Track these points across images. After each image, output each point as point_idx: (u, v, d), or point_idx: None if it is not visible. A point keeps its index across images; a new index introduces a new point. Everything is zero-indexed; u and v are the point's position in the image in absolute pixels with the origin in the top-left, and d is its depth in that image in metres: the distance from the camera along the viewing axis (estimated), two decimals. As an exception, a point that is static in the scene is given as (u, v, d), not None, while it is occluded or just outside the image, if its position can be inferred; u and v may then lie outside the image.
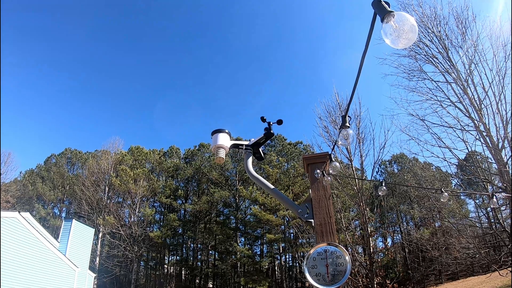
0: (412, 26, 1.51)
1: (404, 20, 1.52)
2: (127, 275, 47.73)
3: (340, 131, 2.46)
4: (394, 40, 1.54)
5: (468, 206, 34.70)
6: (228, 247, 46.24)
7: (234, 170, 50.52)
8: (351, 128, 2.68)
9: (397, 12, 1.53)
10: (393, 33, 1.53)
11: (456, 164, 15.58)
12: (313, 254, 3.11)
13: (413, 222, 50.12)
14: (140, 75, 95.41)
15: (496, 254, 17.71)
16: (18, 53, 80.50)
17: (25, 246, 18.97)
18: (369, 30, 1.81)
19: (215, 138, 3.93)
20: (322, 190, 3.47)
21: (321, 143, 35.01)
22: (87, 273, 25.66)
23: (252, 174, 3.87)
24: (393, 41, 1.54)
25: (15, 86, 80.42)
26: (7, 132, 69.47)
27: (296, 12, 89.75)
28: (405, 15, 1.52)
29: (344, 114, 2.49)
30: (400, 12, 1.52)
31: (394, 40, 1.54)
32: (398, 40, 1.53)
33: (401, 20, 1.52)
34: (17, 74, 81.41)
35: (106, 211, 44.62)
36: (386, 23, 1.54)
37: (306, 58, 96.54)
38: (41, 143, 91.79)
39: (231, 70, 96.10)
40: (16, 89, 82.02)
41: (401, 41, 1.53)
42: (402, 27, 1.51)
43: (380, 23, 1.58)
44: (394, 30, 1.52)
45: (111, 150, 51.13)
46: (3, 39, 62.69)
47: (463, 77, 14.06)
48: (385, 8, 1.56)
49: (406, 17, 1.52)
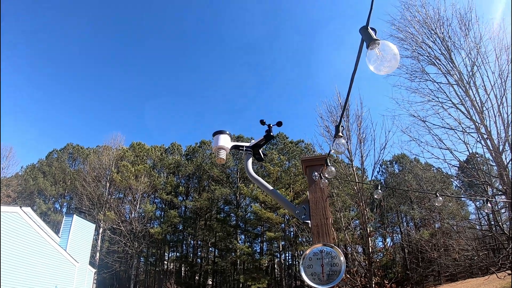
0: (394, 55, 1.57)
1: (388, 49, 1.58)
2: (127, 271, 47.86)
3: (334, 140, 2.51)
4: (377, 66, 1.60)
5: (468, 207, 34.69)
6: (228, 245, 46.35)
7: (235, 168, 50.59)
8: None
9: (381, 41, 1.59)
10: (377, 60, 1.59)
11: (456, 166, 15.58)
12: (309, 254, 3.18)
13: (413, 223, 50.17)
14: (142, 71, 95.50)
15: (495, 256, 17.75)
16: (20, 47, 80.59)
17: (26, 240, 19.06)
18: (357, 53, 1.87)
19: (216, 139, 4.01)
20: (319, 192, 3.53)
21: (322, 142, 35.01)
22: (87, 268, 25.76)
23: (252, 175, 3.94)
24: (376, 68, 1.61)
25: (17, 81, 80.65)
26: (9, 127, 69.71)
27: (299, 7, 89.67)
28: (389, 44, 1.58)
29: (338, 124, 2.54)
30: (384, 41, 1.58)
31: (377, 67, 1.60)
32: (380, 67, 1.60)
33: (384, 48, 1.59)
34: (20, 69, 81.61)
35: (107, 206, 44.76)
36: (371, 50, 1.60)
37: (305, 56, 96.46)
38: (43, 138, 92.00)
39: (233, 67, 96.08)
40: (18, 84, 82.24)
41: (383, 69, 1.60)
42: (385, 55, 1.58)
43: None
44: (378, 57, 1.58)
45: (113, 145, 51.33)
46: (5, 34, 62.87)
47: (465, 79, 14.09)
48: (371, 36, 1.63)
49: (389, 46, 1.58)
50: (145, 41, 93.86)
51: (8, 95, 69.34)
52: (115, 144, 51.48)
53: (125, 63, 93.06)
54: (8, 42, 67.34)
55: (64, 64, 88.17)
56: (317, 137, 52.30)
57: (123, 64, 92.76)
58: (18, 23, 77.74)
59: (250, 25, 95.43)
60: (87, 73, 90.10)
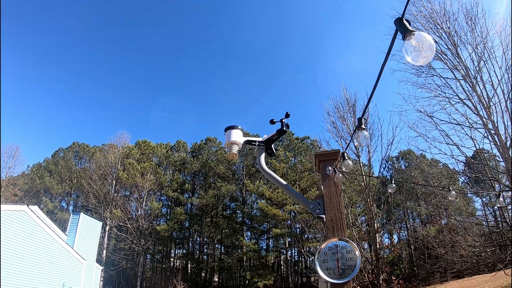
0: (430, 45, 1.60)
1: (423, 39, 1.60)
2: (133, 268, 48.03)
3: (355, 132, 2.51)
4: (415, 57, 1.63)
5: (475, 204, 34.53)
6: (234, 241, 46.42)
7: (241, 165, 50.58)
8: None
9: (417, 32, 1.61)
10: (413, 51, 1.61)
11: (463, 161, 15.51)
12: (325, 248, 3.19)
13: (419, 219, 50.01)
14: (147, 70, 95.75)
15: (502, 253, 17.68)
16: (25, 46, 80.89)
17: (33, 239, 19.18)
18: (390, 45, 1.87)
19: (228, 134, 4.01)
20: (333, 187, 3.54)
21: (329, 138, 35.02)
22: (94, 266, 25.91)
23: (265, 170, 3.95)
24: (413, 59, 1.64)
25: (23, 81, 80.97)
26: (15, 126, 70.04)
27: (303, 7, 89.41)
28: (424, 34, 1.61)
29: (360, 116, 2.54)
30: (420, 32, 1.60)
31: (415, 58, 1.63)
32: (418, 58, 1.62)
33: (420, 39, 1.61)
34: (24, 68, 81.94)
35: (113, 204, 44.92)
36: (407, 41, 1.62)
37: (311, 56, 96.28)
38: (48, 137, 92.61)
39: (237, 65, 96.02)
40: (24, 83, 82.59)
41: (421, 59, 1.62)
42: (421, 46, 1.60)
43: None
44: (414, 48, 1.60)
45: (118, 144, 51.48)
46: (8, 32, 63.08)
47: (472, 74, 13.98)
48: (406, 27, 1.64)
49: (425, 37, 1.60)
50: (150, 40, 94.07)
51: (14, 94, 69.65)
52: (120, 142, 51.67)
53: (130, 63, 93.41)
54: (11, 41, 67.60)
55: (69, 64, 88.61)
56: (324, 133, 52.19)
57: (128, 63, 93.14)
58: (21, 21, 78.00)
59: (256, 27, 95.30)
60: (92, 72, 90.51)
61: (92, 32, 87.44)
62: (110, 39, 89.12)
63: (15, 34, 72.45)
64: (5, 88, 54.09)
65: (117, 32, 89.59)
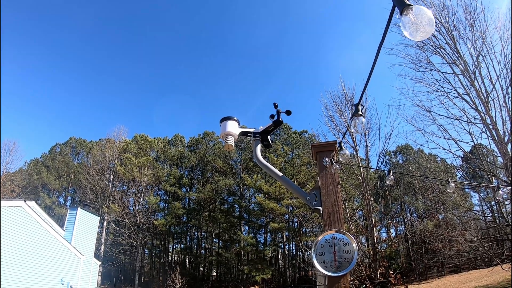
0: (429, 19, 1.55)
1: (422, 13, 1.55)
2: (131, 263, 48.08)
3: (353, 118, 2.46)
4: (413, 32, 1.57)
5: (472, 199, 34.61)
6: (232, 236, 46.43)
7: (238, 159, 50.55)
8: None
9: (415, 6, 1.55)
10: (412, 26, 1.56)
11: (461, 156, 15.50)
12: (321, 241, 3.15)
13: (417, 214, 50.11)
14: (145, 64, 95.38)
15: (499, 248, 17.74)
16: (22, 41, 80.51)
17: (31, 234, 19.12)
18: (387, 21, 1.82)
19: (224, 125, 3.96)
20: (330, 178, 3.49)
21: (326, 132, 35.05)
22: (92, 261, 25.89)
23: (261, 161, 3.90)
24: (411, 34, 1.58)
25: (20, 76, 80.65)
26: (12, 122, 69.80)
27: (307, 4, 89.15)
28: (423, 8, 1.56)
29: (358, 102, 2.49)
30: (418, 5, 1.55)
31: (413, 33, 1.58)
32: (416, 33, 1.57)
33: (419, 13, 1.55)
34: (22, 63, 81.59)
35: (111, 199, 44.88)
36: (405, 16, 1.56)
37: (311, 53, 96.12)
38: (45, 132, 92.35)
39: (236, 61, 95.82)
40: (21, 78, 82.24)
41: (419, 34, 1.57)
42: (420, 20, 1.54)
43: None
44: (413, 23, 1.55)
45: (116, 138, 51.32)
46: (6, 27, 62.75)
47: (471, 69, 13.93)
48: (403, 1, 1.57)
49: (423, 11, 1.56)
50: (150, 35, 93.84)
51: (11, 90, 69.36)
52: (118, 137, 51.52)
53: (128, 58, 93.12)
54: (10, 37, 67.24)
55: (65, 59, 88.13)
56: (322, 127, 52.91)
57: (126, 58, 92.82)
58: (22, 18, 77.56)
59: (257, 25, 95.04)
60: (89, 67, 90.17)
61: (90, 29, 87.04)
62: (111, 33, 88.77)
63: (14, 30, 72.02)
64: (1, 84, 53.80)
65: (115, 29, 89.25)
